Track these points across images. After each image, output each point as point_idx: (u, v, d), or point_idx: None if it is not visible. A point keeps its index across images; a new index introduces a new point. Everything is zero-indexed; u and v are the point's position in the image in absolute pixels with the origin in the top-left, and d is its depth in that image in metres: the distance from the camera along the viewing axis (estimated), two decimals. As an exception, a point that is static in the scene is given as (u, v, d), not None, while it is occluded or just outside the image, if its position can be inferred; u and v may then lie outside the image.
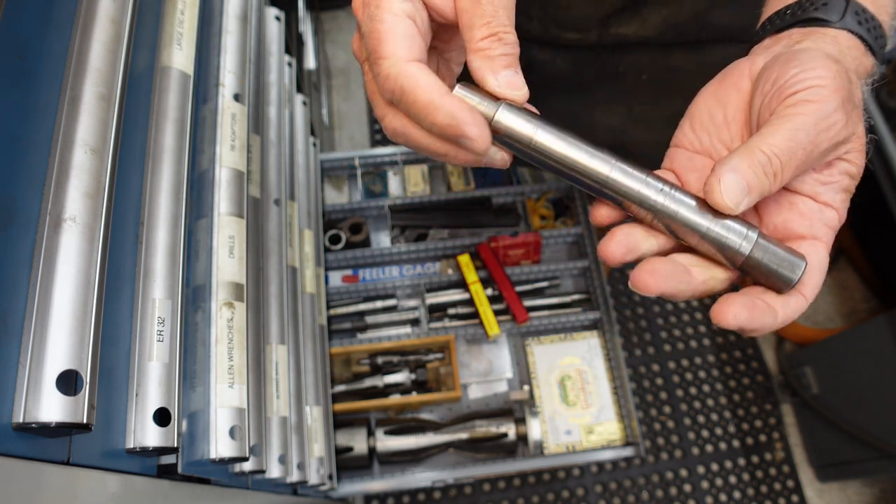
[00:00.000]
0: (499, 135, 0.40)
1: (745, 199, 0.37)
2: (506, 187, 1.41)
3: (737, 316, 0.37)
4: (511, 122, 0.39)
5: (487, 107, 0.39)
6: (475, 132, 0.37)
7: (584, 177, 0.40)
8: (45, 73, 0.42)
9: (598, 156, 0.40)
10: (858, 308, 2.04)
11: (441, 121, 0.37)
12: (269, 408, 0.78)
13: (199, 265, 0.63)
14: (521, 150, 0.40)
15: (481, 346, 1.32)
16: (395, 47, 0.38)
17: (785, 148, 0.37)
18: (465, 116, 0.37)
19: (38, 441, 0.36)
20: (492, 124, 0.39)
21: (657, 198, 0.39)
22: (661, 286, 0.38)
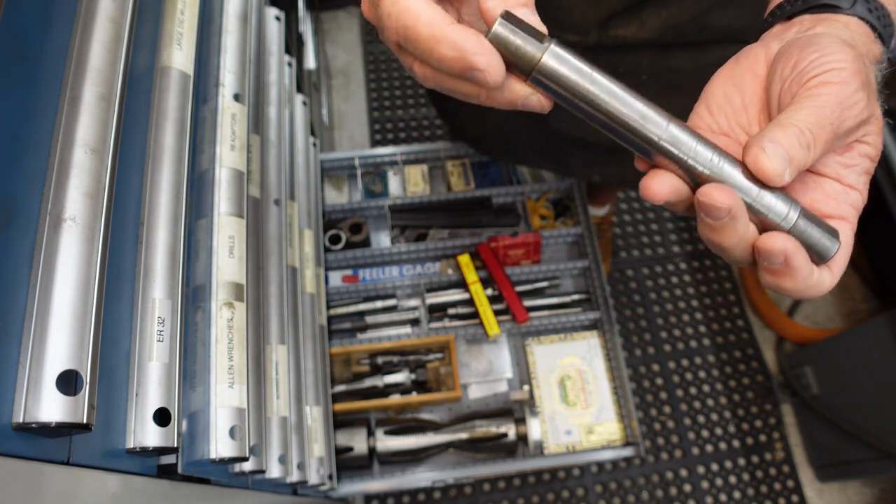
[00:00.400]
0: (546, 79, 0.36)
1: (787, 170, 0.36)
2: (506, 187, 1.41)
3: (785, 243, 0.36)
4: (561, 68, 0.35)
5: (533, 47, 0.35)
6: (483, 61, 0.34)
7: (635, 136, 0.37)
8: (45, 73, 0.42)
9: (652, 113, 0.37)
10: (858, 308, 2.04)
11: (445, 54, 0.34)
12: (269, 408, 0.78)
13: (199, 265, 0.63)
14: (567, 98, 0.37)
15: (481, 346, 1.32)
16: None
17: (814, 122, 0.37)
18: (471, 45, 0.34)
19: (38, 441, 0.36)
20: (538, 67, 0.35)
21: (710, 164, 0.37)
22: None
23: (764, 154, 0.36)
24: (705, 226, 0.37)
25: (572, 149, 1.15)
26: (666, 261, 2.09)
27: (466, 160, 1.46)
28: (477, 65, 0.34)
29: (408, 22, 0.35)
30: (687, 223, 2.16)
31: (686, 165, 0.37)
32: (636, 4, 0.80)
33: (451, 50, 0.34)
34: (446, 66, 0.35)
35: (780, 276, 0.37)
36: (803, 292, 0.39)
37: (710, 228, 0.37)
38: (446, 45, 0.34)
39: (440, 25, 0.34)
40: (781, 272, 0.37)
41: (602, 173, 1.20)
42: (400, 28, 0.35)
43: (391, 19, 0.36)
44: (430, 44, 0.34)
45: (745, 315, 2.03)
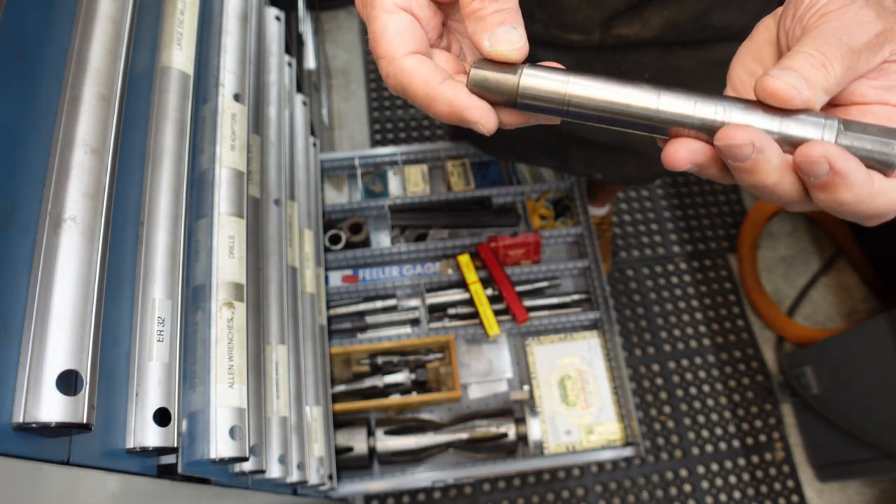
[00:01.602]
0: (531, 101, 0.37)
1: (804, 88, 0.34)
2: (506, 187, 1.41)
3: (847, 158, 0.33)
4: (537, 85, 0.37)
5: (509, 77, 0.37)
6: (476, 115, 0.37)
7: (632, 118, 0.36)
8: (45, 73, 0.42)
9: (639, 91, 0.36)
10: (858, 308, 2.04)
11: (441, 110, 0.37)
12: (269, 408, 0.78)
13: (199, 265, 0.63)
14: (560, 110, 0.37)
15: (481, 346, 1.32)
16: (389, 45, 0.38)
17: (821, 43, 0.35)
18: (462, 102, 0.37)
19: (38, 441, 0.36)
20: (519, 92, 0.37)
21: (717, 113, 0.35)
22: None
23: (771, 78, 0.34)
24: (739, 172, 0.35)
25: (574, 147, 1.15)
26: (666, 261, 2.09)
27: (466, 160, 1.46)
28: (469, 118, 0.37)
29: (403, 81, 0.38)
30: (687, 223, 2.16)
31: (694, 124, 0.36)
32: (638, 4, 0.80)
33: (444, 106, 0.37)
34: (444, 119, 0.38)
35: (833, 189, 0.33)
36: (869, 205, 0.34)
37: (745, 171, 0.35)
38: (440, 103, 0.37)
39: (433, 85, 0.37)
40: (832, 184, 0.33)
41: (604, 172, 1.20)
42: (398, 86, 0.38)
43: (390, 78, 0.39)
44: (426, 102, 0.38)
45: (745, 315, 2.03)
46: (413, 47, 0.39)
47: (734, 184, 0.37)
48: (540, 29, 0.86)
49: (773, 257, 2.12)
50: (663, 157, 0.37)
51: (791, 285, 2.08)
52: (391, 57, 0.38)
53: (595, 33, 0.85)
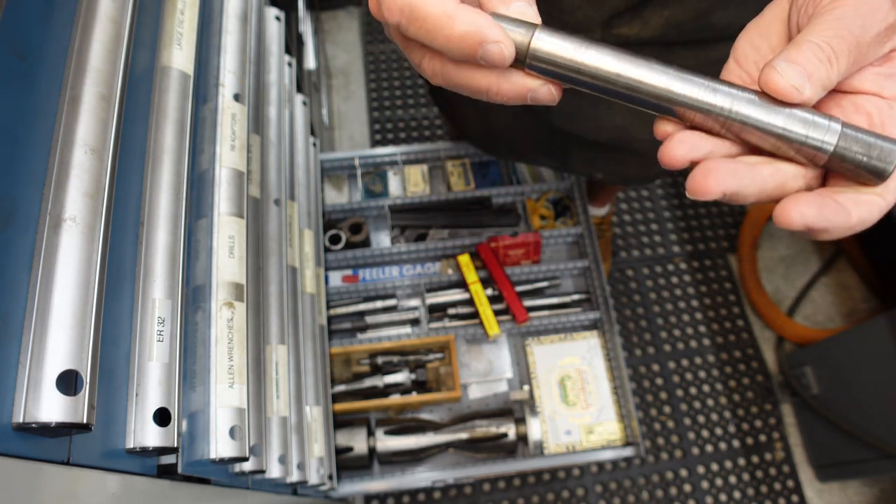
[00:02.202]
0: (540, 62, 0.36)
1: (807, 85, 0.34)
2: (506, 187, 1.41)
3: (804, 214, 0.33)
4: (551, 45, 0.36)
5: (523, 33, 0.36)
6: (498, 34, 0.33)
7: (639, 93, 0.36)
8: (45, 73, 0.42)
9: (652, 67, 0.36)
10: (858, 308, 2.04)
11: (460, 29, 0.33)
12: (269, 408, 0.78)
13: (199, 265, 0.63)
14: (567, 75, 0.36)
15: (481, 346, 1.32)
16: None
17: (832, 35, 0.35)
18: (483, 21, 0.33)
19: (38, 441, 0.36)
20: (530, 50, 0.36)
21: (724, 102, 0.35)
22: (722, 184, 0.34)
23: (776, 73, 0.34)
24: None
25: (574, 147, 1.15)
26: (666, 261, 2.09)
27: (466, 160, 1.46)
28: (492, 37, 0.33)
29: (413, 1, 0.34)
30: (687, 223, 2.16)
31: (694, 103, 0.36)
32: (638, 4, 0.80)
33: (465, 25, 0.33)
34: (456, 44, 0.34)
35: (816, 235, 0.35)
36: (846, 233, 0.35)
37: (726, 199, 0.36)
38: (459, 21, 0.33)
39: (451, 3, 0.34)
40: (814, 234, 0.35)
41: (604, 172, 1.20)
42: (405, 6, 0.34)
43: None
44: (442, 20, 0.33)
45: (745, 315, 2.03)
46: None
47: None
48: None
49: (773, 257, 2.12)
50: (661, 153, 0.37)
51: (791, 285, 2.08)
52: None
53: (596, 33, 0.85)
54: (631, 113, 1.03)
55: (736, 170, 0.34)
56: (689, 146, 0.36)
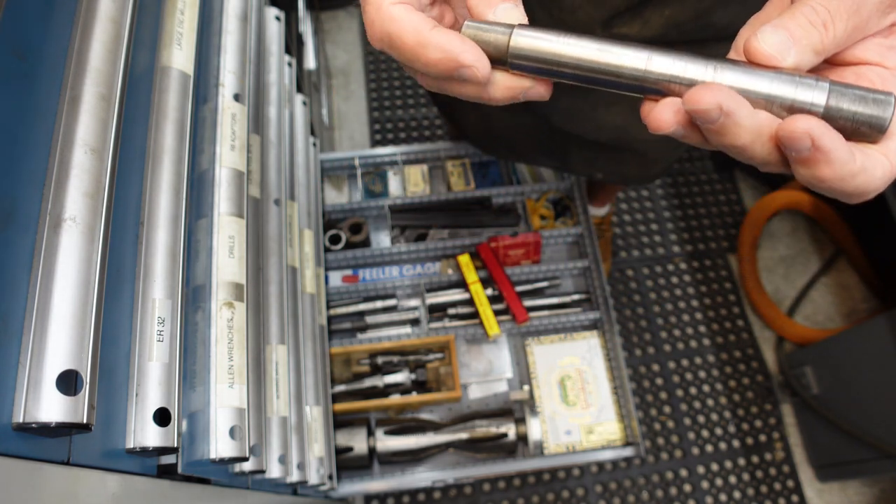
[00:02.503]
0: (522, 59, 0.37)
1: (791, 49, 0.33)
2: (506, 187, 1.41)
3: (811, 124, 0.31)
4: (529, 41, 0.36)
5: (501, 33, 0.36)
6: (471, 58, 0.34)
7: (621, 78, 0.36)
8: (45, 73, 0.42)
9: (630, 51, 0.36)
10: (858, 308, 2.04)
11: (434, 56, 0.35)
12: (269, 408, 0.78)
13: (199, 265, 0.63)
14: (550, 69, 0.37)
15: (481, 346, 1.32)
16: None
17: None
18: (456, 46, 0.34)
19: (38, 441, 0.36)
20: (510, 50, 0.36)
21: (707, 72, 0.35)
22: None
23: (757, 39, 0.34)
24: (709, 133, 0.34)
25: (574, 147, 1.15)
26: (666, 261, 2.09)
27: (466, 160, 1.46)
28: (465, 62, 0.34)
29: (391, 30, 0.35)
30: (687, 223, 2.16)
31: (683, 83, 0.35)
32: (639, 4, 0.80)
33: (437, 52, 0.34)
34: (433, 69, 0.35)
35: (814, 165, 0.32)
36: (849, 182, 0.33)
37: (714, 133, 0.34)
38: (432, 49, 0.34)
39: (424, 32, 0.35)
40: (813, 160, 0.32)
41: (604, 172, 1.20)
42: (384, 35, 0.36)
43: (374, 26, 0.36)
44: (416, 50, 0.35)
45: (745, 315, 2.03)
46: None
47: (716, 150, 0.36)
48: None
49: (773, 257, 2.12)
50: (648, 120, 0.36)
51: (791, 285, 2.08)
52: (378, 3, 0.36)
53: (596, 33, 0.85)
54: (631, 113, 1.03)
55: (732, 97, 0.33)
56: (673, 108, 0.35)
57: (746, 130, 0.33)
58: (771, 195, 2.05)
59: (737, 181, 2.24)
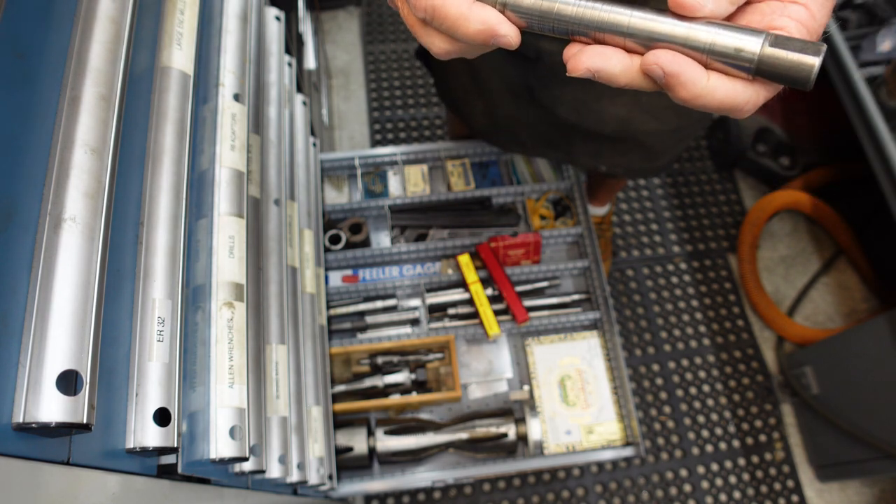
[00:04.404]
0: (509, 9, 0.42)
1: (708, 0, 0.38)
2: (506, 187, 1.41)
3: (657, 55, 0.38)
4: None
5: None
6: (507, 29, 0.40)
7: (563, 23, 0.41)
8: (45, 73, 0.42)
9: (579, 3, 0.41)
10: (858, 308, 2.04)
11: (473, 28, 0.40)
12: (269, 408, 0.78)
13: (199, 265, 0.63)
14: (528, 21, 0.42)
15: (481, 346, 1.32)
16: None
17: None
18: (493, 18, 0.40)
19: (38, 441, 0.36)
20: (497, 5, 0.41)
21: (623, 19, 0.39)
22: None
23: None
24: (600, 79, 0.40)
25: (579, 139, 1.16)
26: (666, 261, 2.09)
27: (466, 160, 1.46)
28: (501, 32, 0.41)
29: (436, 2, 0.41)
30: (687, 223, 2.16)
31: (597, 27, 0.40)
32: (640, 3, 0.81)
33: (478, 24, 0.40)
34: (471, 38, 0.41)
35: (672, 88, 0.38)
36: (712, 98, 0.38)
37: (603, 80, 0.40)
38: (473, 21, 0.40)
39: (465, 5, 0.41)
40: (669, 84, 0.38)
41: (608, 164, 1.21)
42: (429, 7, 0.41)
43: (420, 0, 0.41)
44: (459, 21, 0.41)
45: (745, 315, 2.03)
46: None
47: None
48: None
49: (773, 257, 2.12)
50: (568, 63, 0.41)
51: (791, 285, 2.08)
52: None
53: None
54: (635, 105, 1.04)
55: (604, 52, 0.40)
56: (597, 53, 0.40)
57: (620, 76, 0.40)
58: (771, 195, 2.05)
59: (737, 181, 2.24)
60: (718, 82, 0.38)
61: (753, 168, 2.17)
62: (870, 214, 2.01)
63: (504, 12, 0.41)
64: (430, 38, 0.44)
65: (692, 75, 0.38)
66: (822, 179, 2.07)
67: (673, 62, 0.37)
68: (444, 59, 0.45)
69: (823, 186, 2.07)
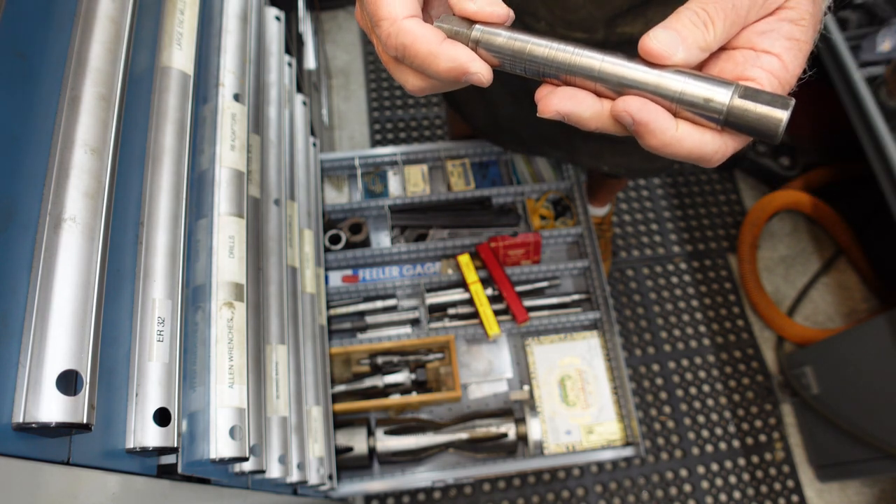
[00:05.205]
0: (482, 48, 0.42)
1: (679, 47, 0.37)
2: (506, 187, 1.41)
3: (626, 102, 0.37)
4: (490, 37, 0.41)
5: (466, 29, 0.42)
6: (478, 66, 0.40)
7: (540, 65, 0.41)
8: (45, 73, 0.42)
9: (555, 45, 0.41)
10: (858, 308, 2.04)
11: (444, 66, 0.40)
12: (269, 408, 0.78)
13: (199, 265, 0.63)
14: (501, 59, 0.42)
15: (481, 346, 1.32)
16: (391, 8, 0.41)
17: (708, 1, 0.38)
18: (463, 57, 0.40)
19: (38, 441, 0.36)
20: (469, 44, 0.42)
21: (594, 64, 0.39)
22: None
23: (647, 37, 0.38)
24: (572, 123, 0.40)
25: (580, 139, 1.16)
26: (666, 261, 2.09)
27: (466, 160, 1.46)
28: (471, 70, 0.40)
29: (406, 41, 0.40)
30: (687, 223, 2.16)
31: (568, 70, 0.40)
32: (641, 4, 0.80)
33: (448, 62, 0.40)
34: (444, 76, 0.41)
35: (641, 135, 0.38)
36: (680, 147, 0.38)
37: (575, 123, 0.40)
38: (443, 60, 0.40)
39: (435, 44, 0.40)
40: (638, 131, 0.38)
41: (610, 164, 1.21)
42: (399, 46, 0.41)
43: (391, 39, 0.41)
44: (429, 60, 0.40)
45: (745, 315, 2.03)
46: (412, 11, 0.41)
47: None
48: (544, 27, 0.86)
49: (773, 257, 2.12)
50: (539, 104, 0.41)
51: (791, 285, 2.08)
52: (394, 18, 0.41)
53: (599, 31, 0.85)
54: None
55: (574, 95, 0.39)
56: (569, 96, 0.40)
57: (590, 120, 0.40)
58: (771, 195, 2.05)
59: (737, 181, 2.24)
60: (687, 132, 0.38)
61: (753, 168, 2.18)
62: (870, 214, 2.01)
63: (477, 50, 0.41)
64: (404, 75, 0.44)
65: (661, 124, 0.37)
66: (822, 179, 2.07)
67: (642, 110, 0.37)
68: (419, 95, 0.45)
69: (823, 186, 2.07)
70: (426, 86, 0.44)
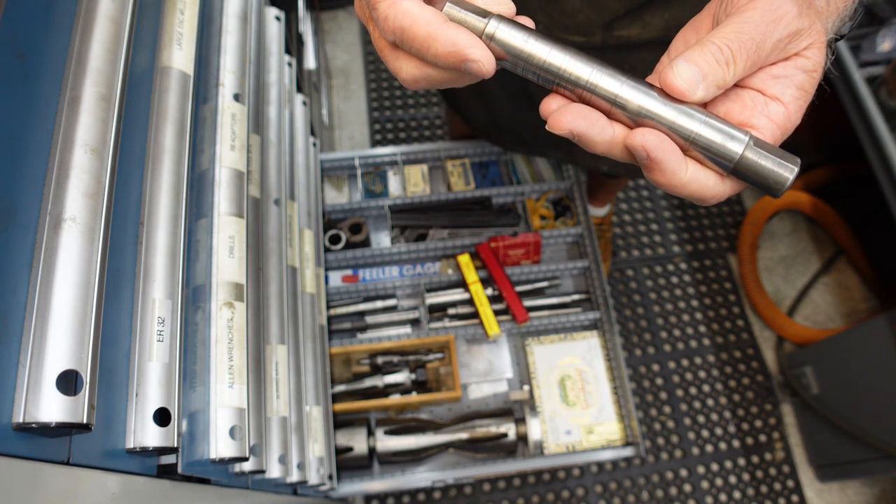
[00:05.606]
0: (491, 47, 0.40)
1: (700, 85, 0.37)
2: (506, 187, 1.41)
3: (644, 135, 0.37)
4: (504, 34, 0.39)
5: (478, 20, 0.39)
6: (478, 54, 0.38)
7: (559, 79, 0.40)
8: (45, 73, 0.42)
9: (575, 56, 0.40)
10: (858, 308, 2.04)
11: (442, 49, 0.38)
12: (269, 408, 0.78)
13: (199, 265, 0.63)
14: (512, 61, 0.40)
15: (481, 346, 1.32)
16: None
17: (734, 38, 0.37)
18: (464, 41, 0.37)
19: (38, 441, 0.36)
20: (482, 37, 0.39)
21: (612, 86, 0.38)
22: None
23: (672, 72, 0.37)
24: (579, 142, 0.39)
25: None
26: (666, 261, 2.09)
27: (466, 160, 1.46)
28: (471, 57, 0.37)
29: (404, 23, 0.38)
30: (687, 223, 2.16)
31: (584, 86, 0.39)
32: (639, 7, 0.80)
33: (447, 45, 0.37)
34: (442, 60, 0.38)
35: (650, 170, 0.38)
36: (684, 188, 0.38)
37: (581, 143, 0.39)
38: (442, 43, 0.37)
39: (435, 24, 0.38)
40: (649, 166, 0.38)
41: (609, 164, 1.21)
42: (397, 29, 0.38)
43: (388, 21, 0.38)
44: (427, 42, 0.38)
45: (745, 315, 2.03)
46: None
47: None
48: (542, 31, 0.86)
49: (773, 257, 2.12)
50: (549, 121, 0.40)
51: (791, 285, 2.08)
52: (392, 0, 0.39)
53: (597, 35, 0.85)
54: None
55: (588, 116, 0.38)
56: (580, 115, 0.39)
57: (600, 144, 0.39)
58: (771, 195, 2.05)
59: (737, 181, 2.24)
60: (694, 175, 0.38)
61: (753, 168, 2.17)
62: (870, 214, 2.01)
63: (490, 45, 0.39)
64: (399, 62, 0.41)
65: (674, 165, 0.37)
66: (822, 179, 2.07)
67: (658, 147, 0.37)
68: (413, 87, 0.43)
69: (823, 186, 2.07)
70: (421, 75, 0.41)
